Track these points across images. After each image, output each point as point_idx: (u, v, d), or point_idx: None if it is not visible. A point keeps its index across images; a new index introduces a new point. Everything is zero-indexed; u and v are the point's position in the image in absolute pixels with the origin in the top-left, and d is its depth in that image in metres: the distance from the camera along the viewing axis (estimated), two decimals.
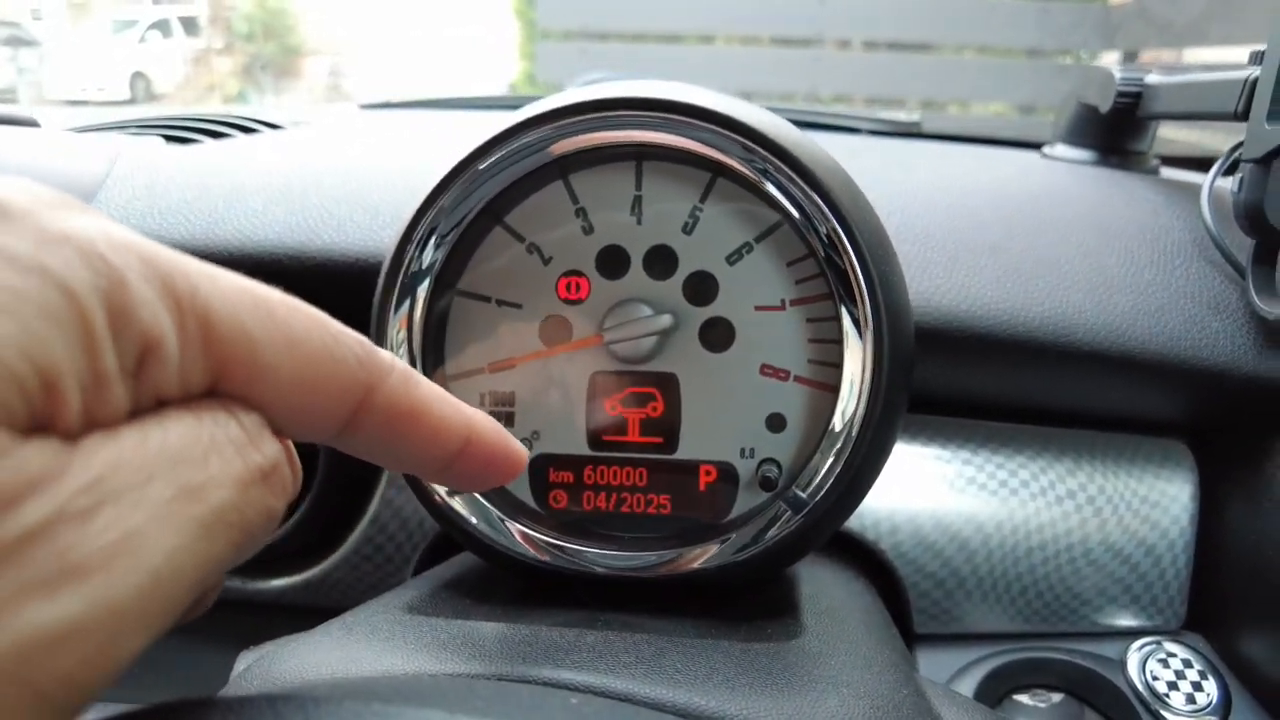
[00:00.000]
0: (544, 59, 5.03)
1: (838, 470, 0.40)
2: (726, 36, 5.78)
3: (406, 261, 0.43)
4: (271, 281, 0.56)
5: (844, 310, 0.40)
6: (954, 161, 0.75)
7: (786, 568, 0.43)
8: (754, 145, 0.40)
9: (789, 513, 0.41)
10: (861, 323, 0.40)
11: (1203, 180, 0.81)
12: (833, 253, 0.40)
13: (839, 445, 0.40)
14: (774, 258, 0.43)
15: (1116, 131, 0.82)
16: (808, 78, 5.36)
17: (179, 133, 0.83)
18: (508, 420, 0.47)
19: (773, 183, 0.41)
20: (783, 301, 0.44)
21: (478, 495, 0.45)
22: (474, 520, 0.43)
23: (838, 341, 0.43)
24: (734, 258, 0.44)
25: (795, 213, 0.41)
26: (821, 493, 0.40)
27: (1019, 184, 0.68)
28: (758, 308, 0.44)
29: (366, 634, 0.35)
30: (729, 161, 0.42)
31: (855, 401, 0.40)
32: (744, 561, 0.41)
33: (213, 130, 0.84)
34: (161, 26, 10.55)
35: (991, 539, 0.57)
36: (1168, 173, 0.85)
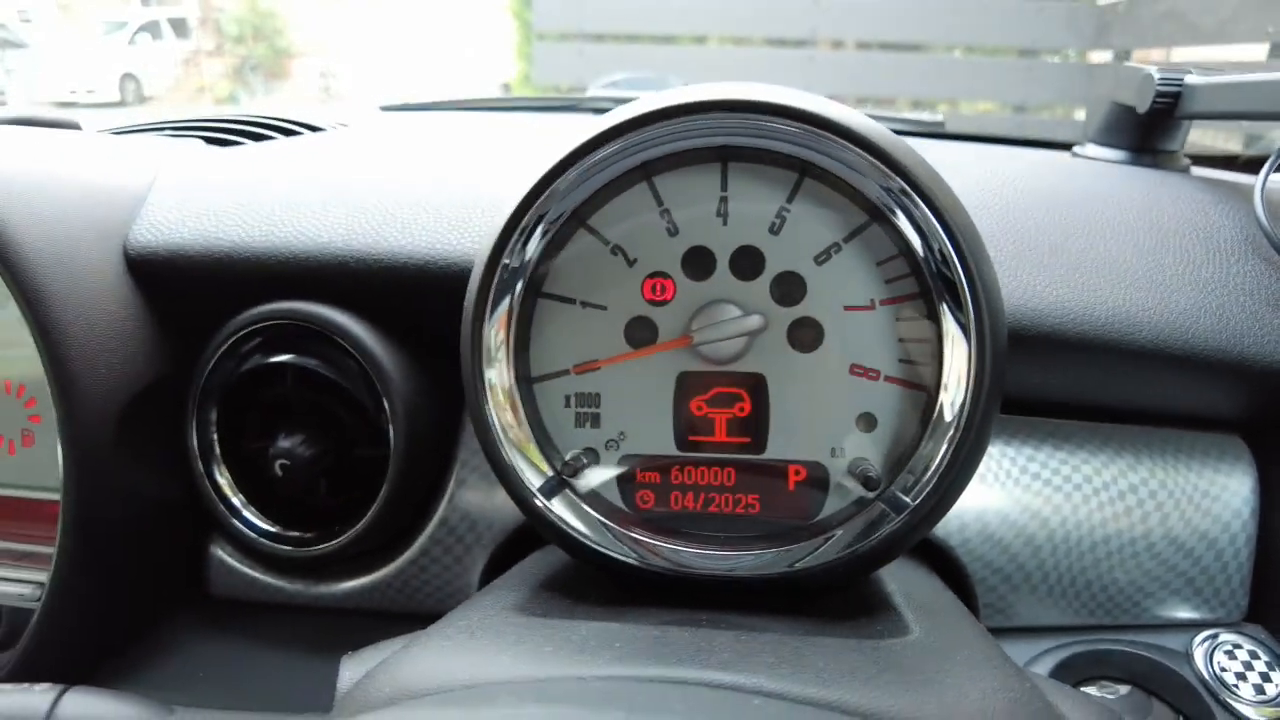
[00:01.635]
0: (540, 60, 5.02)
1: (943, 467, 0.40)
2: (720, 37, 5.80)
3: (503, 262, 0.44)
4: (336, 282, 0.56)
5: (945, 308, 0.41)
6: (998, 163, 0.76)
7: (882, 566, 0.44)
8: (857, 148, 0.41)
9: (889, 512, 0.42)
10: (966, 320, 0.40)
11: (1233, 177, 0.83)
12: (931, 251, 0.41)
13: (947, 440, 0.40)
14: (863, 257, 0.44)
15: (1151, 131, 0.83)
16: (802, 77, 5.38)
17: (219, 134, 0.83)
18: (594, 421, 0.47)
19: (875, 183, 0.41)
20: (872, 301, 0.44)
21: (574, 497, 0.45)
22: (579, 525, 0.43)
23: (927, 340, 0.43)
24: (822, 258, 0.44)
25: (896, 211, 0.42)
26: (927, 490, 0.40)
27: (1067, 185, 0.69)
28: (847, 308, 0.44)
29: (493, 637, 0.35)
30: (819, 161, 0.43)
31: (962, 395, 0.40)
32: (846, 561, 0.41)
33: (252, 132, 0.84)
34: (151, 29, 10.48)
35: (1056, 534, 0.58)
36: (1197, 171, 0.86)
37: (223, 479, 0.61)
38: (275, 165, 0.70)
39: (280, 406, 0.62)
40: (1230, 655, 0.55)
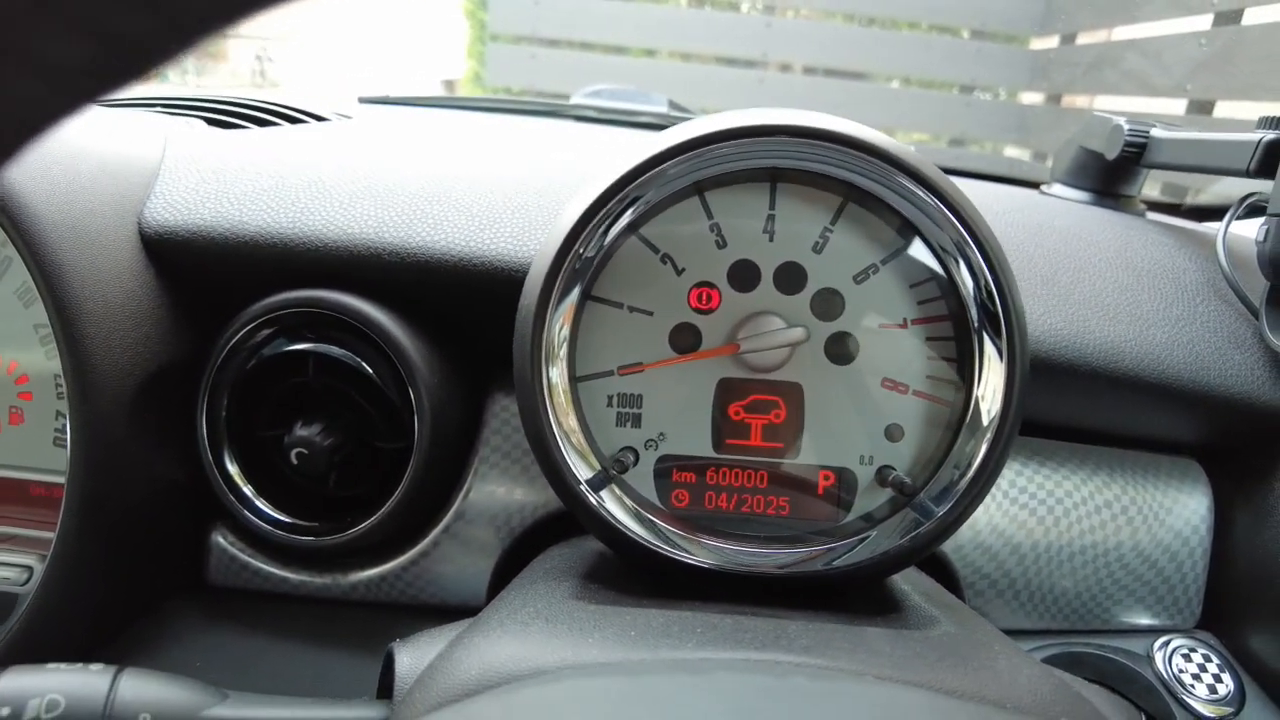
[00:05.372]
0: (493, 61, 5.00)
1: (974, 472, 0.44)
2: (670, 52, 5.89)
3: (566, 264, 0.45)
4: (364, 274, 0.58)
5: (986, 334, 0.44)
6: (980, 197, 0.81)
7: (909, 566, 0.47)
8: (909, 180, 0.44)
9: (917, 517, 0.45)
10: (1002, 345, 0.44)
11: (1182, 223, 0.90)
12: (966, 271, 0.45)
13: (986, 443, 0.44)
14: (899, 279, 0.47)
15: (1115, 177, 0.90)
16: (752, 97, 5.52)
17: (221, 116, 0.81)
18: (634, 422, 0.49)
19: (921, 210, 0.45)
20: (905, 320, 0.47)
21: (620, 493, 0.47)
22: (626, 520, 0.45)
23: (952, 359, 0.47)
24: (861, 277, 0.47)
25: (933, 237, 0.45)
26: (958, 494, 0.44)
27: (1047, 221, 0.74)
28: (882, 325, 0.47)
29: (571, 623, 0.36)
30: (865, 185, 0.46)
31: (998, 406, 0.44)
32: (879, 560, 0.44)
33: (255, 117, 0.83)
34: None
35: (1039, 544, 0.63)
36: (1152, 215, 0.93)
37: (233, 467, 0.61)
38: (292, 152, 0.69)
39: (294, 395, 0.61)
40: (1186, 658, 0.61)
